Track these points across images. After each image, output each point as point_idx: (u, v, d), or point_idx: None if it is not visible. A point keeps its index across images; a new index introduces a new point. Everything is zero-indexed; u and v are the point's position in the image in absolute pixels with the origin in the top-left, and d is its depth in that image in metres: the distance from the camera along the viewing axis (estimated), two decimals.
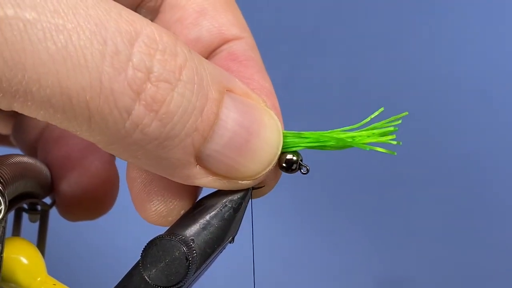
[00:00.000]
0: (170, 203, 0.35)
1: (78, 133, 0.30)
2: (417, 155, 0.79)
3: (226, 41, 0.38)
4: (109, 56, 0.28)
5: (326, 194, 0.79)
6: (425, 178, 0.79)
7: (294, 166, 0.34)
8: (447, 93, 0.80)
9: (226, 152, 0.32)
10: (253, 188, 0.35)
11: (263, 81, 0.36)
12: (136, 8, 0.39)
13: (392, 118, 0.33)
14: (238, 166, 0.32)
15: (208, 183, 0.33)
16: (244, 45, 0.38)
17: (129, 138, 0.30)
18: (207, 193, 0.35)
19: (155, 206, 0.35)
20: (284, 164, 0.34)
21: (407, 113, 0.33)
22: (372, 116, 0.34)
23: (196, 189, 0.36)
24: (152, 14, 0.39)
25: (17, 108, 0.29)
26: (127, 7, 0.34)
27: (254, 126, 0.32)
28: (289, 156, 0.34)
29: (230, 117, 0.32)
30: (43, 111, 0.29)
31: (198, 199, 0.36)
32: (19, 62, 0.27)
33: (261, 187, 0.35)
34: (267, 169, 0.33)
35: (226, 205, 0.34)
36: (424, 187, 0.79)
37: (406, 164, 0.79)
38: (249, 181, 0.33)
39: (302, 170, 0.35)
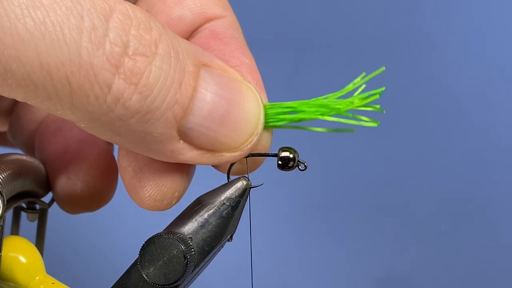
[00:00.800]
0: (163, 186, 0.35)
1: (60, 112, 0.30)
2: (417, 155, 0.79)
3: (208, 20, 0.38)
4: (86, 31, 0.29)
5: (325, 193, 0.79)
6: (425, 178, 0.79)
7: (290, 164, 0.34)
8: (447, 93, 0.80)
9: (207, 124, 0.32)
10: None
11: (244, 57, 0.37)
12: None
13: (376, 91, 0.33)
14: (220, 138, 0.33)
15: (193, 158, 0.33)
16: (225, 23, 0.38)
17: (111, 113, 0.30)
18: (205, 192, 0.35)
19: (148, 191, 0.35)
20: (279, 162, 0.34)
21: (384, 88, 0.33)
22: (356, 81, 0.33)
23: (187, 169, 0.36)
24: None
25: None
26: None
27: (233, 96, 0.33)
28: (284, 154, 0.34)
29: (208, 89, 0.32)
30: (24, 89, 0.29)
31: (196, 198, 0.36)
32: None
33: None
34: (251, 140, 0.33)
35: (224, 203, 0.34)
36: (424, 186, 0.79)
37: (406, 163, 0.79)
38: (234, 153, 0.34)
39: (300, 167, 0.35)
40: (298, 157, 0.34)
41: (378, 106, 0.33)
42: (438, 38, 0.82)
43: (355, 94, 0.33)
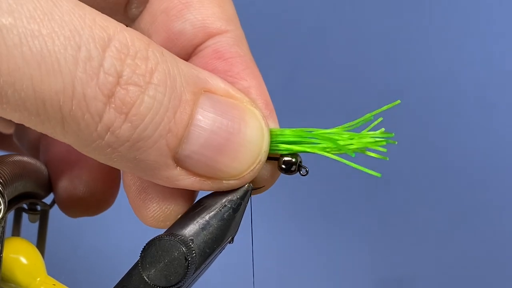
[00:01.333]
0: (166, 209, 0.35)
1: (53, 135, 0.30)
2: (417, 155, 0.79)
3: (210, 36, 0.37)
4: (82, 62, 0.29)
5: (326, 194, 0.79)
6: (426, 178, 0.79)
7: (293, 168, 0.34)
8: (447, 94, 0.80)
9: (205, 152, 0.32)
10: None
11: (251, 79, 0.36)
12: (127, 3, 0.39)
13: (379, 133, 0.33)
14: (219, 166, 0.32)
15: (192, 185, 0.33)
16: (229, 40, 0.37)
17: (101, 141, 0.30)
18: (206, 194, 0.35)
19: (152, 212, 0.35)
20: (283, 166, 0.34)
21: (393, 134, 0.33)
22: (361, 119, 0.33)
23: (192, 193, 0.36)
24: (143, 5, 0.39)
25: None
26: (119, 3, 0.34)
27: (233, 124, 0.32)
28: (287, 158, 0.34)
29: (207, 117, 0.32)
30: (18, 113, 0.29)
31: (197, 199, 0.36)
32: None
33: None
34: (253, 168, 0.33)
35: (225, 205, 0.34)
36: (425, 186, 0.79)
37: (407, 163, 0.79)
38: (234, 181, 0.33)
39: (301, 172, 0.35)
40: (300, 161, 0.34)
41: (384, 150, 0.33)
42: (439, 39, 0.82)
43: (365, 131, 0.33)
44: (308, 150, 0.34)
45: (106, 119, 0.30)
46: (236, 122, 0.32)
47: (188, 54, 0.37)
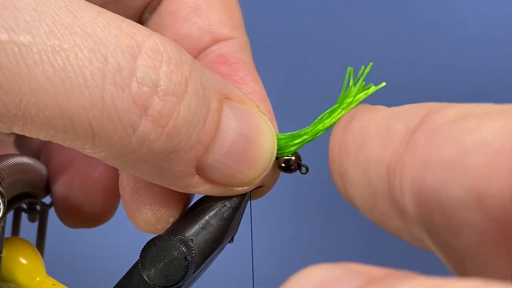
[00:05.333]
0: (158, 212, 0.35)
1: (81, 150, 0.29)
2: None
3: (216, 41, 0.37)
4: (110, 73, 0.28)
5: (326, 193, 0.79)
6: None
7: (293, 166, 0.34)
8: (448, 92, 0.80)
9: (226, 161, 0.32)
10: (253, 188, 0.35)
11: (254, 85, 0.36)
12: (145, 8, 0.39)
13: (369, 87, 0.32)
14: (236, 174, 0.32)
15: (205, 191, 0.33)
16: (234, 46, 0.37)
17: (134, 154, 0.30)
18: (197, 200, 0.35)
19: (144, 214, 0.35)
20: (283, 165, 0.34)
21: (384, 83, 0.33)
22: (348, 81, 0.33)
23: (184, 197, 0.35)
24: (154, 11, 0.39)
25: (17, 131, 0.28)
26: (138, 10, 0.33)
27: (252, 132, 0.32)
28: (287, 157, 0.34)
29: (230, 126, 0.32)
30: (44, 132, 0.28)
31: (198, 199, 0.36)
32: (16, 86, 0.27)
33: (261, 186, 0.35)
34: (263, 175, 0.33)
35: (225, 205, 0.34)
36: None
37: None
38: (244, 188, 0.33)
39: (301, 170, 0.35)
40: (300, 160, 0.34)
41: (378, 86, 0.32)
42: (440, 37, 0.82)
43: (353, 91, 0.33)
44: (308, 139, 0.34)
45: (141, 132, 0.29)
46: (254, 131, 0.32)
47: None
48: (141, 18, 0.39)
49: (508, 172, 0.23)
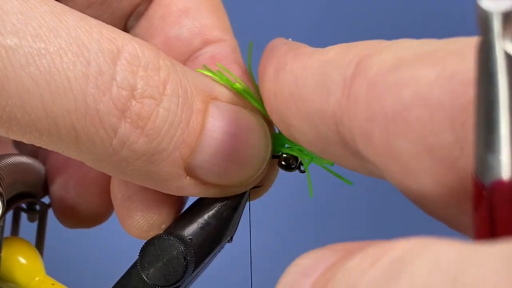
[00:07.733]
0: (150, 219, 0.35)
1: (65, 153, 0.30)
2: None
3: (207, 43, 0.37)
4: (93, 77, 0.28)
5: (326, 193, 0.79)
6: None
7: (293, 165, 0.34)
8: None
9: (215, 161, 0.32)
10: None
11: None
12: (132, 13, 0.39)
13: None
14: (228, 173, 0.32)
15: (199, 193, 0.33)
16: (226, 48, 0.37)
17: (116, 156, 0.30)
18: (188, 206, 0.35)
19: (136, 221, 0.35)
20: (283, 163, 0.34)
21: None
22: None
23: (177, 203, 0.35)
24: (140, 17, 0.39)
25: (2, 133, 0.29)
26: (124, 13, 0.33)
27: (241, 133, 0.32)
28: (286, 155, 0.34)
29: (216, 126, 0.32)
30: (28, 135, 0.29)
31: (197, 199, 0.36)
32: (2, 89, 0.27)
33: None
34: (258, 174, 0.33)
35: (224, 205, 0.34)
36: None
37: None
38: (240, 188, 0.33)
39: (301, 168, 0.35)
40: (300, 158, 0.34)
41: None
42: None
43: None
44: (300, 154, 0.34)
45: (121, 134, 0.29)
46: (244, 131, 0.32)
47: (183, 60, 0.37)
48: (126, 23, 0.39)
49: (450, 123, 0.23)
